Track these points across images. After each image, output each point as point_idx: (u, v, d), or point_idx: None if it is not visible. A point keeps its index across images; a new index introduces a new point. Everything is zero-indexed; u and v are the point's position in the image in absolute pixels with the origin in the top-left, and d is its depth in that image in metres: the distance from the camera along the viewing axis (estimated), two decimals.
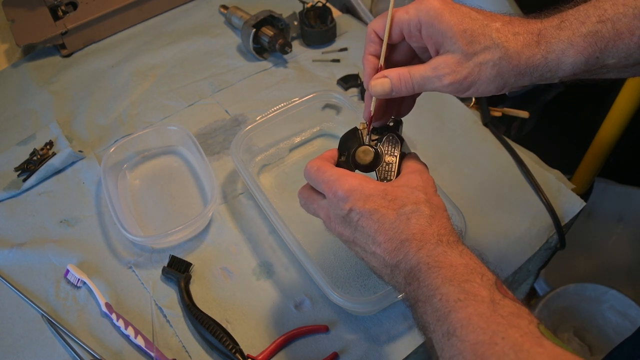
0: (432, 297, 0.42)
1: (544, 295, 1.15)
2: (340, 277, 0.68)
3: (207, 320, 0.63)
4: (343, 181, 0.49)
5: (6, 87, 0.98)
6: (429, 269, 0.43)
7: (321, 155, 0.55)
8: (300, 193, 0.55)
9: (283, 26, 0.97)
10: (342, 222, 0.50)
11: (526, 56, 0.45)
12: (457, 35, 0.45)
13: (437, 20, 0.46)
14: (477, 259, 0.44)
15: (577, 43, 0.44)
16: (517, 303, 0.40)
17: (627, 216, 1.24)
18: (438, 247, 0.44)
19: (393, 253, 0.46)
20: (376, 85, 0.50)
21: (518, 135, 1.15)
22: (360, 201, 0.48)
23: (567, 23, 0.45)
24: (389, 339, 0.63)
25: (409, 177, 0.50)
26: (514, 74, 0.46)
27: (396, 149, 0.54)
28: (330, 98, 0.80)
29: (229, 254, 0.72)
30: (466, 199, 0.75)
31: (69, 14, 1.03)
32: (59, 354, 0.63)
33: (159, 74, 0.97)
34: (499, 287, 0.41)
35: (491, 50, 0.45)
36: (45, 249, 0.73)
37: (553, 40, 0.45)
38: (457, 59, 0.46)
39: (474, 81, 0.47)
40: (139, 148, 0.83)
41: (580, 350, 1.18)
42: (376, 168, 0.54)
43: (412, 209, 0.47)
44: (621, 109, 1.01)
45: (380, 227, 0.47)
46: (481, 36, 0.45)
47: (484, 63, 0.46)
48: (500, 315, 0.38)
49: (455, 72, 0.46)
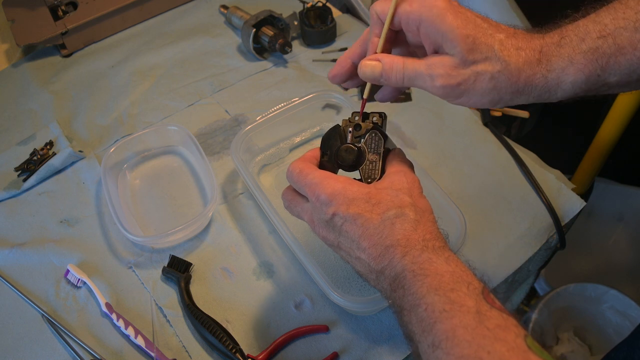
0: (417, 307, 0.41)
1: (544, 295, 1.15)
2: (340, 277, 0.68)
3: (207, 320, 0.63)
4: (326, 184, 0.48)
5: (6, 87, 0.98)
6: (414, 277, 0.42)
7: (303, 156, 0.53)
8: (284, 195, 0.54)
9: (283, 26, 0.97)
10: (326, 227, 0.49)
11: (526, 74, 0.44)
12: (459, 39, 0.43)
13: (440, 20, 0.44)
14: (463, 265, 0.43)
15: (578, 60, 0.43)
16: (504, 313, 0.39)
17: (627, 216, 1.24)
18: (423, 253, 0.43)
19: (378, 259, 0.45)
20: (366, 67, 0.48)
21: (518, 135, 1.15)
22: (344, 205, 0.46)
23: (567, 40, 0.43)
24: (389, 338, 0.63)
25: (393, 178, 0.49)
26: (511, 91, 0.45)
27: (380, 146, 0.52)
28: (330, 98, 0.80)
29: (229, 254, 0.72)
30: (466, 199, 0.75)
31: (69, 14, 1.03)
32: (59, 354, 0.63)
33: (159, 74, 0.97)
34: (485, 296, 0.40)
35: (492, 61, 0.44)
36: (45, 249, 0.73)
37: (553, 58, 0.43)
38: (454, 62, 0.44)
39: (467, 90, 0.45)
40: (139, 148, 0.83)
41: (581, 350, 1.18)
42: (359, 167, 0.52)
43: (396, 213, 0.46)
44: (621, 109, 1.01)
45: (364, 232, 0.46)
46: (483, 45, 0.44)
47: (482, 73, 0.44)
48: (486, 328, 0.37)
49: (450, 75, 0.45)
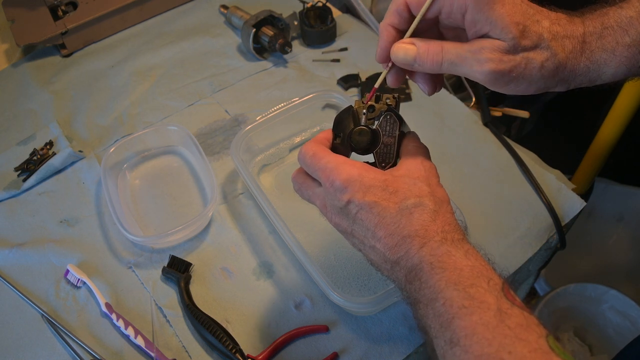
0: (435, 301, 0.40)
1: (544, 295, 1.15)
2: (340, 277, 0.68)
3: (207, 320, 0.63)
4: (341, 170, 0.46)
5: (6, 87, 0.98)
6: (432, 270, 0.41)
7: (316, 137, 0.51)
8: (294, 177, 0.52)
9: (283, 26, 0.97)
10: (340, 213, 0.47)
11: (571, 64, 0.43)
12: (511, 26, 0.41)
13: (488, 8, 0.41)
14: (483, 260, 0.42)
15: (620, 53, 0.43)
16: (525, 312, 0.38)
17: (627, 216, 1.24)
18: (442, 245, 0.42)
19: (394, 249, 0.44)
20: (399, 50, 0.45)
21: (518, 135, 1.15)
22: (360, 192, 0.45)
23: (610, 31, 0.43)
24: (389, 339, 0.63)
25: (410, 165, 0.47)
26: (557, 80, 0.44)
27: (395, 129, 0.50)
28: (330, 98, 0.80)
29: (229, 254, 0.72)
30: (466, 199, 0.75)
31: (69, 13, 1.03)
32: (59, 354, 0.63)
33: (159, 74, 0.97)
34: (506, 292, 0.39)
35: (542, 50, 0.43)
36: (45, 249, 0.73)
37: (596, 50, 0.43)
38: (505, 47, 0.42)
39: (518, 76, 0.43)
40: (139, 148, 0.83)
41: (581, 350, 1.18)
42: (374, 150, 0.50)
43: (414, 202, 0.44)
44: (621, 109, 1.01)
45: (380, 221, 0.44)
46: (533, 33, 0.42)
47: (532, 61, 0.43)
48: (507, 327, 0.36)
49: (502, 61, 0.42)
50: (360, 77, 0.93)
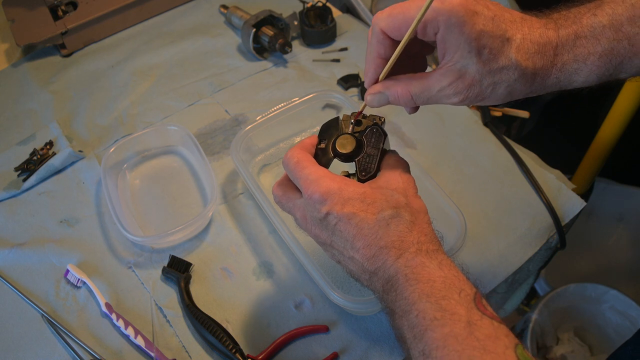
0: (409, 313, 0.41)
1: (545, 295, 1.15)
2: (340, 277, 0.68)
3: (207, 320, 0.63)
4: (321, 183, 0.47)
5: (6, 87, 0.98)
6: (407, 281, 0.42)
7: (301, 142, 0.52)
8: (274, 190, 0.53)
9: (283, 26, 0.97)
10: (319, 225, 0.48)
11: (540, 77, 0.44)
12: (475, 51, 0.43)
13: (458, 29, 0.42)
14: (457, 270, 0.43)
15: (592, 62, 0.43)
16: (495, 322, 0.39)
17: (627, 216, 1.24)
18: (417, 257, 0.43)
19: (371, 260, 0.45)
20: (372, 101, 0.49)
21: (518, 135, 1.15)
22: (339, 204, 0.46)
23: (584, 41, 0.43)
24: (389, 338, 0.63)
25: (388, 177, 0.49)
26: (525, 92, 0.45)
27: (380, 142, 0.52)
28: (330, 98, 0.80)
29: (229, 254, 0.72)
30: (466, 199, 0.75)
31: (69, 13, 1.03)
32: (59, 354, 0.63)
33: (159, 74, 0.97)
34: (477, 303, 0.40)
35: (509, 71, 0.43)
36: (45, 249, 0.73)
37: (568, 60, 0.43)
38: (469, 79, 0.44)
39: (484, 98, 0.45)
40: (139, 148, 0.83)
41: (581, 350, 1.18)
42: (357, 158, 0.52)
43: (391, 213, 0.45)
44: (621, 109, 1.01)
45: (359, 232, 0.45)
46: (500, 55, 0.43)
47: (499, 83, 0.44)
48: (476, 338, 0.37)
49: (468, 91, 0.44)
50: (360, 77, 0.93)
